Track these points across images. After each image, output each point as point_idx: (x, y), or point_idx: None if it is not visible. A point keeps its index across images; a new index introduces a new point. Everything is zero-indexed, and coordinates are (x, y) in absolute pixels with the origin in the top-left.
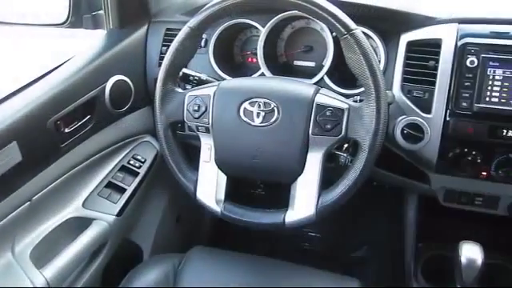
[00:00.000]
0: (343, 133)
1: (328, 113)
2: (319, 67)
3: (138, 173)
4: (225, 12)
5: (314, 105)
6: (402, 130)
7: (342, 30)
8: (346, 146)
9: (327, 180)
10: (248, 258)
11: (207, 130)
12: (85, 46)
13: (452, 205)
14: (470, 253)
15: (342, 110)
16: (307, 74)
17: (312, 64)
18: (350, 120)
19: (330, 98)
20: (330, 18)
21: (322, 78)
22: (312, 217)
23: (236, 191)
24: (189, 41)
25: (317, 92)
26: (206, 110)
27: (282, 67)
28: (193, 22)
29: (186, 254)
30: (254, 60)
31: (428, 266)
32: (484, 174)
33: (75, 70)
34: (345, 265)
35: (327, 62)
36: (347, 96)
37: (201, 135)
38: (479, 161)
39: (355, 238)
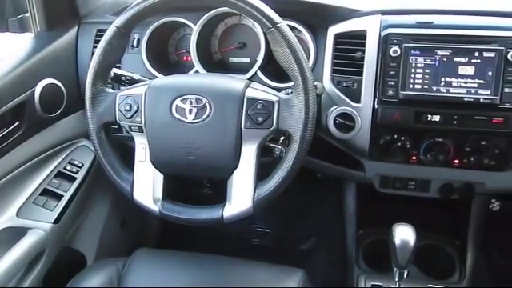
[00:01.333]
0: (275, 125)
1: (259, 106)
2: (254, 63)
3: (76, 178)
4: (151, 10)
5: (245, 99)
6: (335, 120)
7: (267, 23)
8: (282, 138)
9: (267, 173)
10: (193, 256)
11: (140, 130)
12: (11, 50)
13: (387, 190)
14: (403, 235)
15: (272, 103)
16: (242, 69)
17: (247, 60)
18: (281, 112)
19: (261, 91)
20: (254, 12)
21: (256, 72)
22: (249, 210)
23: (182, 191)
24: (116, 40)
25: (247, 86)
26: (137, 109)
27: (217, 64)
28: (119, 20)
29: (130, 257)
30: (189, 58)
31: (369, 251)
32: (414, 158)
33: (0, 75)
34: (294, 257)
35: (260, 57)
36: (280, 89)
37: (134, 135)
38: (408, 146)
39: (303, 230)
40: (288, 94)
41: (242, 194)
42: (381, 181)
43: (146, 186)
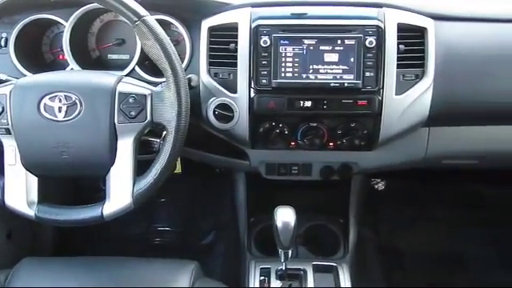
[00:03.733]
0: (149, 118)
1: (131, 100)
2: (133, 59)
3: None
4: (6, 8)
5: (117, 93)
6: (214, 111)
7: (133, 17)
8: (165, 133)
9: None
10: (83, 260)
11: (8, 132)
12: None
13: (274, 177)
14: (284, 217)
15: (144, 96)
16: (122, 66)
17: (126, 56)
18: (154, 105)
19: (132, 85)
20: (119, 6)
21: (134, 68)
22: (129, 205)
23: (78, 196)
24: None
25: (119, 81)
26: (3, 110)
27: (95, 62)
28: None
29: (14, 267)
30: (65, 57)
31: (260, 237)
32: (293, 144)
33: None
34: (196, 252)
35: (137, 53)
36: (158, 84)
37: (2, 137)
38: (287, 132)
39: (204, 224)
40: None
41: (120, 190)
42: (266, 168)
43: (19, 190)
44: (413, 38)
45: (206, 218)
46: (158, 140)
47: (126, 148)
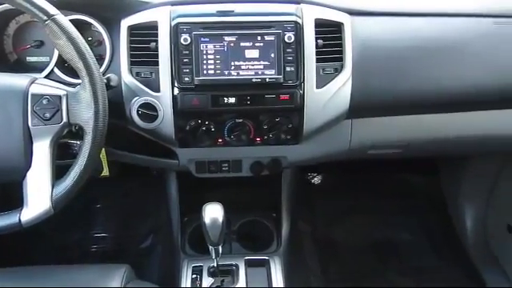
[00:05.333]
0: (65, 119)
1: (45, 101)
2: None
3: None
4: None
5: (29, 95)
6: (138, 110)
7: (43, 16)
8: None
9: None
10: (7, 271)
11: None
12: None
13: (204, 175)
14: (212, 213)
15: (59, 97)
16: (41, 68)
17: (45, 58)
18: (70, 106)
19: (46, 86)
20: (28, 5)
21: (53, 70)
22: (49, 210)
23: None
24: None
25: (32, 82)
26: None
27: (13, 65)
28: None
29: None
30: None
31: (194, 236)
32: (220, 141)
33: None
34: (135, 257)
35: (55, 54)
36: (77, 85)
37: None
38: (213, 129)
39: (142, 228)
40: None
41: (38, 195)
42: (196, 166)
43: None
44: (330, 33)
45: (143, 222)
46: (78, 142)
47: (42, 151)
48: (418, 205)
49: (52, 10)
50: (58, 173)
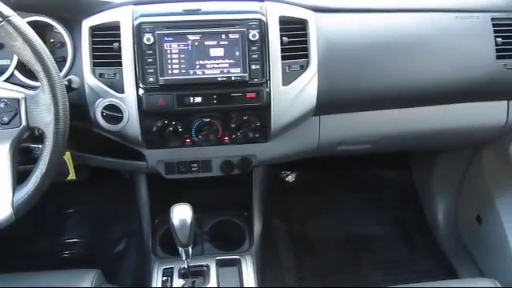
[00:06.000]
0: (24, 123)
1: (2, 105)
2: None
3: None
4: None
5: None
6: (102, 112)
7: None
8: None
9: None
10: None
11: None
12: None
13: (174, 176)
14: (181, 214)
15: (17, 100)
16: (1, 72)
17: (6, 61)
18: (29, 109)
19: (3, 89)
20: None
21: (13, 73)
22: (10, 217)
23: None
24: None
25: None
26: None
27: None
28: None
29: None
30: None
31: (165, 238)
32: (188, 141)
33: None
34: (107, 261)
35: (15, 57)
36: (37, 87)
37: None
38: (180, 130)
39: (115, 232)
40: None
41: None
42: (166, 167)
43: None
44: (295, 30)
45: (117, 225)
46: (40, 146)
47: (1, 156)
48: (390, 198)
49: (7, 11)
50: (22, 178)
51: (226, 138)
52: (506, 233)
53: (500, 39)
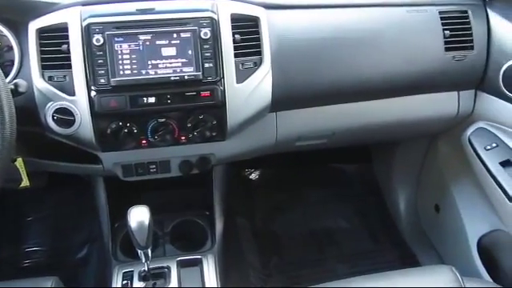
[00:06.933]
0: None
1: None
2: None
3: None
4: None
5: None
6: (53, 116)
7: None
8: None
9: None
10: None
11: None
12: None
13: (132, 178)
14: (138, 216)
15: None
16: None
17: None
18: None
19: None
20: None
21: None
22: None
23: None
24: None
25: None
26: None
27: None
28: None
29: None
30: None
31: (127, 241)
32: (144, 142)
33: None
34: (70, 268)
35: None
36: None
37: None
38: (136, 131)
39: (77, 238)
40: None
41: None
42: (123, 170)
43: None
44: (247, 28)
45: (78, 231)
46: None
47: None
48: (353, 192)
49: None
50: None
51: (183, 138)
52: (463, 220)
53: (448, 32)
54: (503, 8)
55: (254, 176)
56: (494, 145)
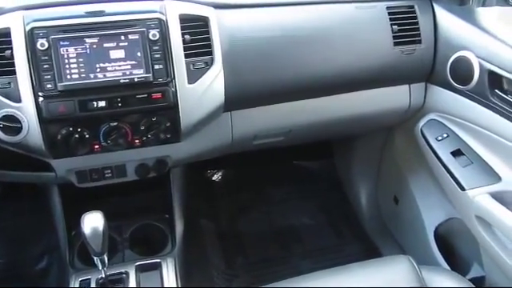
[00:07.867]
0: None
1: None
2: None
3: None
4: None
5: None
6: None
7: None
8: None
9: None
10: None
11: None
12: None
13: (87, 184)
14: (91, 223)
15: None
16: None
17: None
18: None
19: None
20: None
21: None
22: None
23: None
24: None
25: None
26: None
27: None
28: None
29: None
30: None
31: (84, 250)
32: (97, 147)
33: None
34: (30, 279)
35: None
36: None
37: None
38: (88, 136)
39: (35, 249)
40: None
41: None
42: (77, 176)
43: None
44: (197, 28)
45: (38, 242)
46: None
47: None
48: (316, 189)
49: None
50: None
51: (137, 141)
52: (420, 210)
53: (396, 27)
54: (448, 2)
55: (216, 177)
56: (445, 135)
